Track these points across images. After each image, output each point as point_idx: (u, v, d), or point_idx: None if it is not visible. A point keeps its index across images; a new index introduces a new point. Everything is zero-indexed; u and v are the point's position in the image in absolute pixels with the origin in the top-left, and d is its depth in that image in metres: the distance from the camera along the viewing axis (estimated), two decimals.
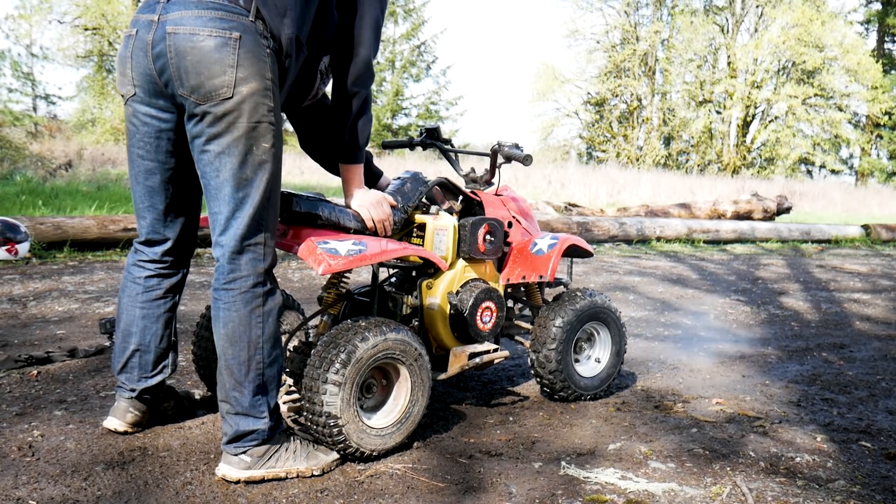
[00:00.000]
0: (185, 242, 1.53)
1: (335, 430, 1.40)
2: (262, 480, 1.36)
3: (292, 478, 1.38)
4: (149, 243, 1.49)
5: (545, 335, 1.84)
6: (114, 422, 1.52)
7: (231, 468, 1.34)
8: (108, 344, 2.20)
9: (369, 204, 1.55)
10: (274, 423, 1.37)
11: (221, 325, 1.32)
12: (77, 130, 12.86)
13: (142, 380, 1.52)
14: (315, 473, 1.40)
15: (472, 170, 1.93)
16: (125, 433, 1.53)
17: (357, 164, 1.54)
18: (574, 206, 7.51)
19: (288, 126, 1.69)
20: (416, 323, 1.71)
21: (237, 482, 1.35)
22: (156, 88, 1.33)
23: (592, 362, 1.99)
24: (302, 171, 11.26)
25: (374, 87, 1.85)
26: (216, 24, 1.26)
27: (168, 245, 1.50)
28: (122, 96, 1.40)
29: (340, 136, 1.50)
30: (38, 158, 8.10)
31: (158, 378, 1.54)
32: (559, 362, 1.84)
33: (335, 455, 1.45)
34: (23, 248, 3.36)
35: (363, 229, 1.56)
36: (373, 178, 1.76)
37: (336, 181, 10.20)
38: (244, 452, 1.34)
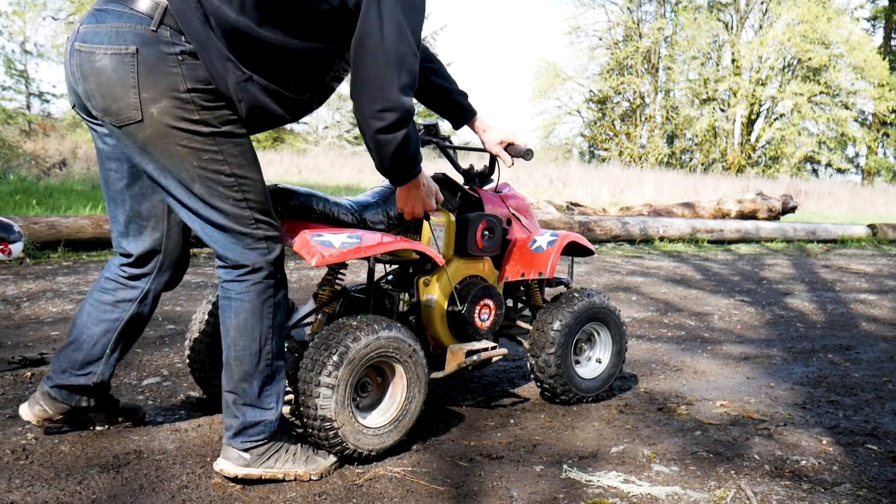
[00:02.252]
0: (148, 259, 1.42)
1: (331, 432, 1.38)
2: (259, 480, 1.34)
3: (290, 480, 1.37)
4: (117, 251, 1.45)
5: (543, 339, 1.82)
6: (23, 409, 1.44)
7: (229, 463, 1.32)
8: None
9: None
10: (279, 417, 1.35)
11: (233, 315, 1.30)
12: (71, 129, 12.83)
13: (65, 374, 1.42)
14: (313, 477, 1.38)
15: (472, 166, 1.91)
16: (30, 424, 1.46)
17: (413, 180, 1.42)
18: (576, 205, 7.48)
19: (290, 125, 1.66)
20: (413, 320, 1.69)
21: (234, 479, 1.33)
22: (84, 105, 1.28)
23: (593, 363, 1.97)
24: (300, 170, 11.28)
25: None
26: (112, 40, 1.16)
27: (128, 259, 1.42)
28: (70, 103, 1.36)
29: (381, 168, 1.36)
30: (31, 157, 8.05)
31: (82, 381, 1.43)
32: (559, 366, 1.82)
33: (334, 459, 1.43)
34: (16, 248, 3.35)
35: (358, 223, 1.55)
36: (461, 114, 1.70)
37: (335, 181, 10.20)
38: (247, 449, 1.32)
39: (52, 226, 3.93)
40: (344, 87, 1.45)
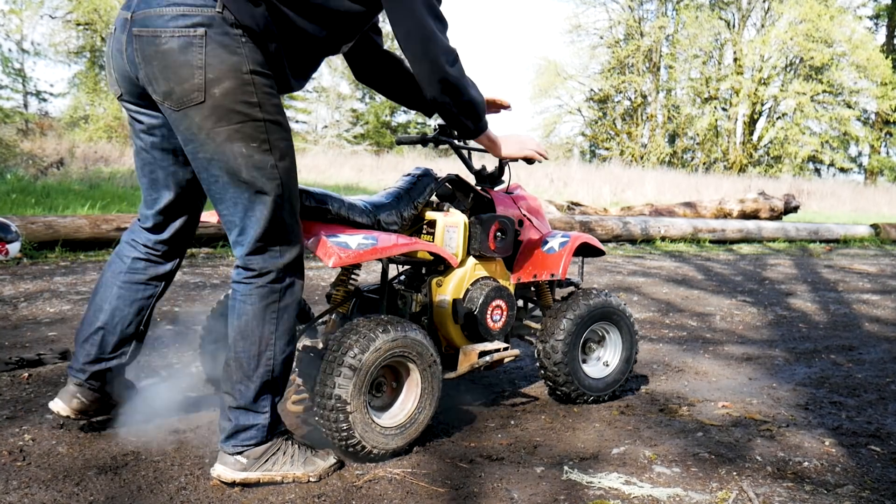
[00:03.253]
0: (183, 237, 1.50)
1: (342, 415, 1.39)
2: (258, 483, 1.34)
3: (288, 482, 1.36)
4: (146, 229, 1.47)
5: (555, 326, 1.82)
6: (59, 405, 1.46)
7: (226, 469, 1.32)
8: None
9: (517, 148, 1.63)
10: (272, 422, 1.34)
11: (236, 316, 1.30)
12: (69, 128, 12.81)
13: (96, 362, 1.46)
14: (312, 479, 1.37)
15: (484, 167, 1.91)
16: (68, 418, 1.48)
17: (483, 134, 1.54)
18: (577, 204, 7.46)
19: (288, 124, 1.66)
20: (426, 321, 1.69)
21: (232, 483, 1.33)
22: (137, 90, 1.30)
23: (601, 365, 1.96)
24: (299, 170, 11.21)
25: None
26: (178, 23, 1.17)
27: (164, 236, 1.47)
28: (114, 94, 1.38)
29: (454, 129, 1.50)
30: (29, 156, 8.01)
31: (114, 362, 1.48)
32: (565, 353, 1.81)
33: (333, 460, 1.42)
34: (14, 248, 3.33)
35: (372, 224, 1.55)
36: None
37: (334, 180, 10.19)
38: (241, 453, 1.31)
39: (49, 225, 3.91)
40: (343, 87, 1.47)
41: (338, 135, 20.01)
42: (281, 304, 1.31)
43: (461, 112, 1.43)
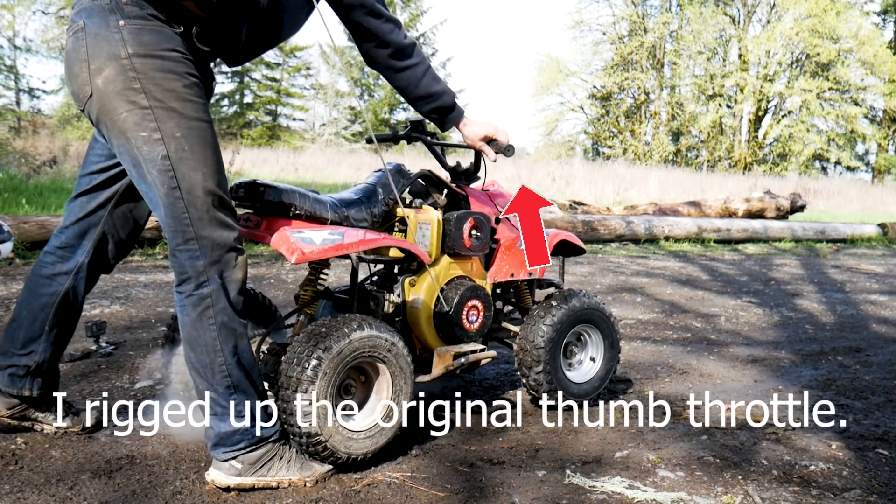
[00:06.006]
0: (89, 233, 1.42)
1: (307, 418, 1.34)
2: (253, 489, 1.32)
3: (285, 487, 1.34)
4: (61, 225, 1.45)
5: (534, 331, 1.77)
6: None
7: (221, 474, 1.30)
8: (94, 348, 2.17)
9: (482, 134, 1.61)
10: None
11: (181, 327, 1.27)
12: (62, 126, 12.81)
13: (7, 355, 1.41)
14: (308, 484, 1.36)
15: (458, 164, 1.86)
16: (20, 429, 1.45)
17: (449, 110, 1.53)
18: (579, 204, 7.43)
19: (286, 122, 1.63)
20: (399, 321, 1.65)
21: (227, 489, 1.31)
22: None
23: (583, 369, 1.90)
24: (296, 168, 11.26)
25: (371, 79, 1.80)
26: (70, 24, 1.20)
27: (66, 223, 1.42)
28: None
29: (419, 102, 1.49)
30: (21, 154, 7.92)
31: (24, 360, 1.41)
32: (546, 361, 1.77)
33: (329, 465, 1.40)
34: (6, 248, 3.32)
35: (340, 221, 1.51)
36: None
37: (332, 179, 10.18)
38: (234, 458, 1.29)
39: (42, 225, 3.88)
40: (341, 84, 1.45)
41: (336, 133, 19.99)
42: (216, 310, 1.23)
43: (419, 75, 1.43)
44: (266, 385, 1.54)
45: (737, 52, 21.48)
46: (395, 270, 1.70)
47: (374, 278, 1.76)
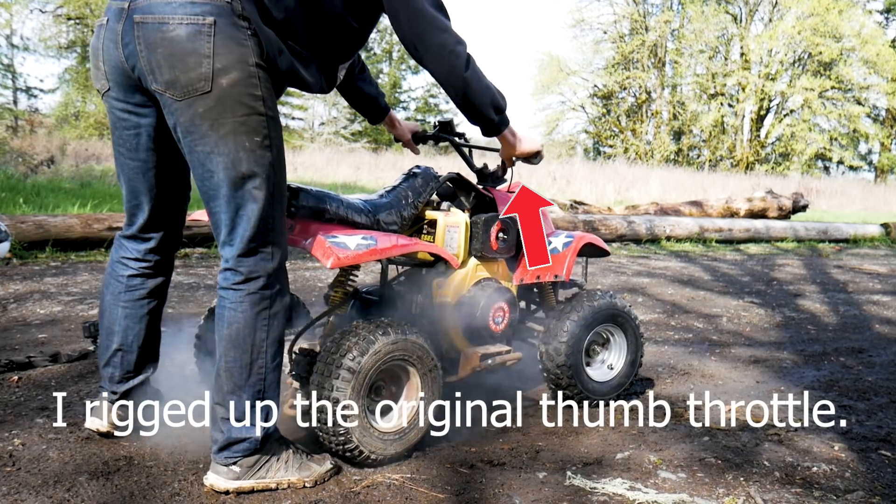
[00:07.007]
0: (171, 242, 1.49)
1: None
2: (252, 491, 1.31)
3: (284, 489, 1.34)
4: (133, 239, 1.45)
5: (558, 328, 1.80)
6: (95, 422, 1.48)
7: (219, 478, 1.29)
8: (91, 348, 2.15)
9: (528, 150, 1.60)
10: (267, 432, 1.32)
11: (225, 325, 1.27)
12: (59, 125, 12.78)
13: (123, 381, 1.49)
14: (307, 485, 1.35)
15: (485, 165, 1.89)
16: (107, 435, 1.49)
17: (501, 133, 1.52)
18: (580, 203, 7.42)
19: (285, 121, 1.65)
20: (426, 323, 1.67)
21: (226, 492, 1.30)
22: (130, 83, 1.27)
23: (605, 368, 1.94)
24: (295, 168, 11.23)
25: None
26: (187, 10, 1.15)
27: (152, 244, 1.45)
28: (98, 91, 1.35)
29: (471, 119, 1.47)
30: (18, 154, 7.92)
31: (141, 377, 1.50)
32: (569, 357, 1.79)
33: (329, 465, 1.40)
34: (3, 248, 3.32)
35: (371, 224, 1.53)
36: (379, 113, 1.79)
37: (331, 178, 10.17)
38: (234, 463, 1.29)
39: (39, 225, 3.86)
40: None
41: (335, 132, 19.97)
42: (272, 311, 1.29)
43: (480, 103, 1.41)
44: (297, 384, 1.56)
45: (739, 51, 21.44)
46: (423, 272, 1.72)
47: (402, 279, 1.78)
